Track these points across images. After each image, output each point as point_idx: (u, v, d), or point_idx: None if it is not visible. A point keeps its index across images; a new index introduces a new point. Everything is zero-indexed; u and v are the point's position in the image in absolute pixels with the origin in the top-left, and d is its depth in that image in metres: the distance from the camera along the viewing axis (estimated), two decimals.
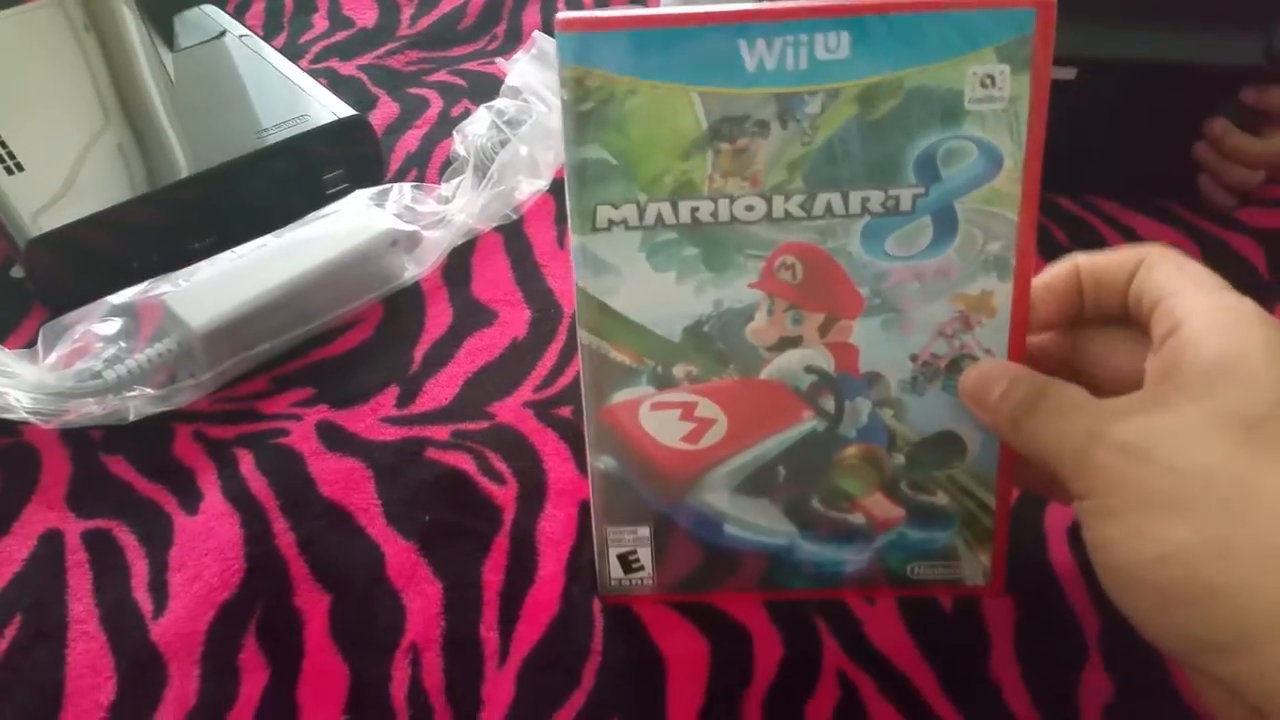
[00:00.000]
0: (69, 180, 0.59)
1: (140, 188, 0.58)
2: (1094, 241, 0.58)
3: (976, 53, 0.33)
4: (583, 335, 0.37)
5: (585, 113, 0.34)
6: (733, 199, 0.35)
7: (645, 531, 0.40)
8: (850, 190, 0.35)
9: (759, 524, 0.39)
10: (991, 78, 0.33)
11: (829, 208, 0.35)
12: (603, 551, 0.41)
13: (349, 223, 0.56)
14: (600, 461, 0.39)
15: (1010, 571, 0.40)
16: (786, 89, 0.34)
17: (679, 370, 0.37)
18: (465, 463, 0.47)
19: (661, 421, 0.38)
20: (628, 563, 0.41)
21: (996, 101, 0.33)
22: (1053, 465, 0.32)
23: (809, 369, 0.37)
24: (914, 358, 0.37)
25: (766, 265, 0.36)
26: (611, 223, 0.35)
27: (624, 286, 0.36)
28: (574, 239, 0.36)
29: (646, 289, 0.36)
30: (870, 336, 0.36)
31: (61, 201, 0.58)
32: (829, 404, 0.38)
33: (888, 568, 0.40)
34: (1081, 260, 0.36)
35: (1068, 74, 0.54)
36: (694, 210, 0.35)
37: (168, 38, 0.75)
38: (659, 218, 0.35)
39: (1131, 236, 0.59)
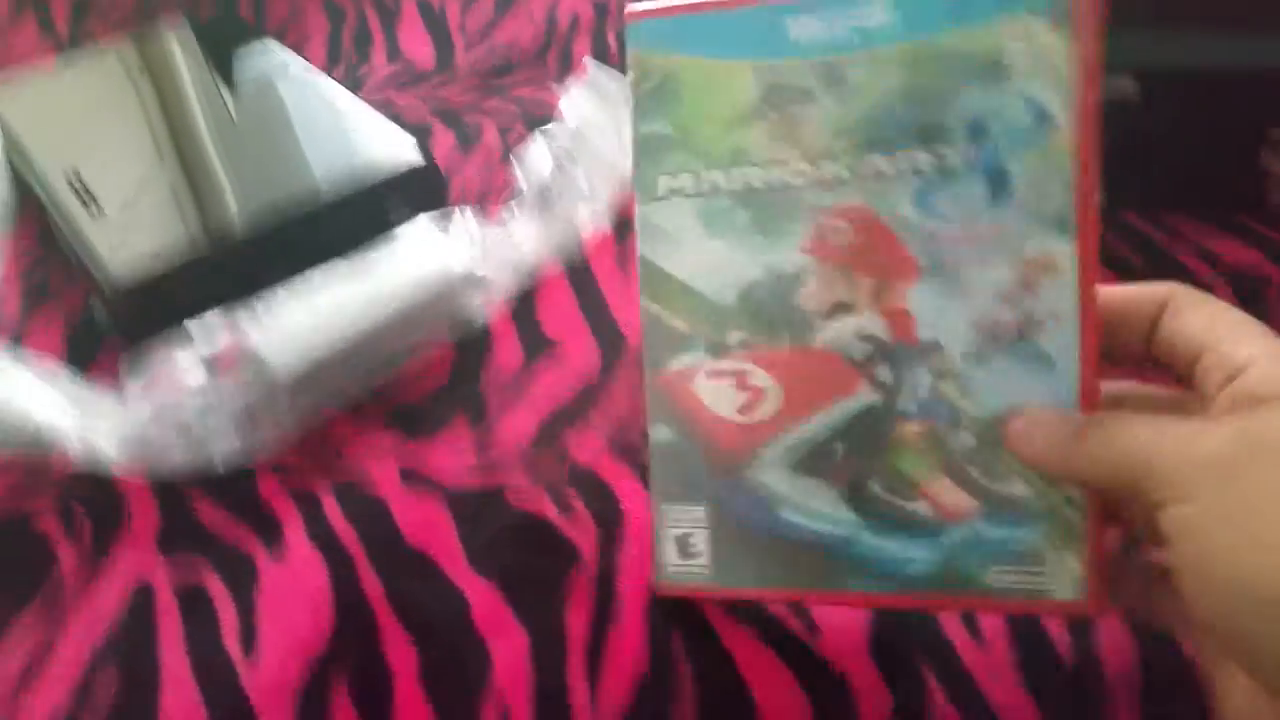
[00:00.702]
0: (146, 225, 0.60)
1: (211, 236, 0.59)
2: (1165, 259, 0.57)
3: (1017, 14, 0.34)
4: (643, 302, 0.38)
5: (648, 91, 0.37)
6: (783, 165, 0.36)
7: (701, 512, 0.39)
8: (899, 152, 0.35)
9: (818, 510, 0.38)
10: (1034, 34, 0.34)
11: (878, 171, 0.36)
12: (660, 533, 0.39)
13: (427, 263, 0.56)
14: (658, 431, 0.39)
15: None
16: (830, 57, 0.36)
17: (733, 337, 0.38)
18: (544, 505, 0.47)
19: (716, 391, 0.38)
20: (685, 546, 0.39)
21: (1042, 59, 0.34)
22: (1129, 479, 0.29)
23: (863, 337, 0.36)
24: (975, 325, 0.35)
25: (816, 230, 0.36)
26: (671, 191, 0.38)
27: (681, 253, 0.38)
28: (637, 209, 0.38)
29: (702, 254, 0.38)
30: (927, 302, 0.36)
31: (140, 247, 0.58)
32: (885, 374, 0.36)
33: (962, 572, 0.37)
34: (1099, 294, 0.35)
35: (1129, 87, 0.53)
36: (747, 177, 0.37)
37: (227, 74, 0.76)
38: (714, 185, 0.37)
39: (1206, 254, 0.57)
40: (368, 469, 0.50)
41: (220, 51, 0.79)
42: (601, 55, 0.82)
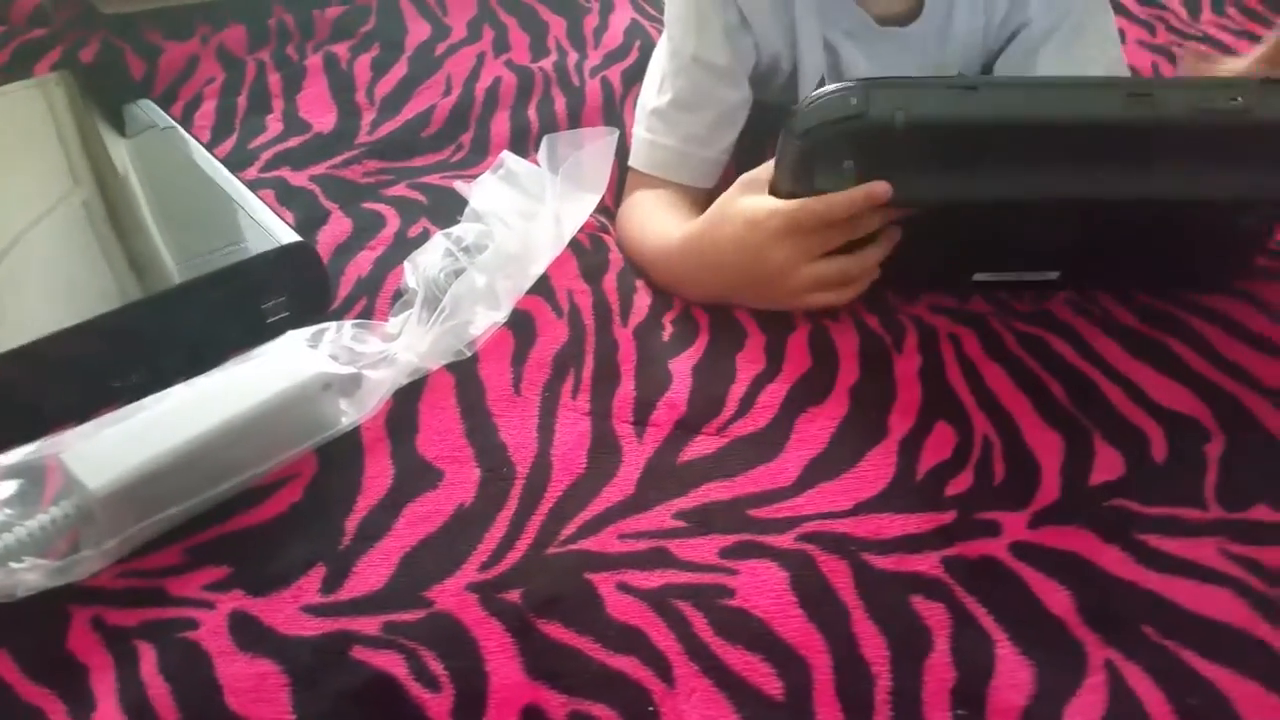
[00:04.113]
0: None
1: (65, 317, 0.53)
2: None
3: None
4: None
5: None
6: None
7: None
8: None
9: None
10: None
11: None
12: None
13: (273, 367, 0.51)
14: None
15: None
16: None
17: None
18: (395, 664, 0.42)
19: None
20: None
21: None
22: None
23: None
24: None
25: None
26: None
27: None
28: None
29: None
30: None
31: None
32: None
33: None
34: None
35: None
36: None
37: (114, 127, 0.70)
38: None
39: None
40: (194, 612, 0.44)
41: (104, 102, 0.73)
42: (521, 132, 0.79)
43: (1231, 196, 0.54)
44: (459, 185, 0.69)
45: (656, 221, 0.66)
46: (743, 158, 0.73)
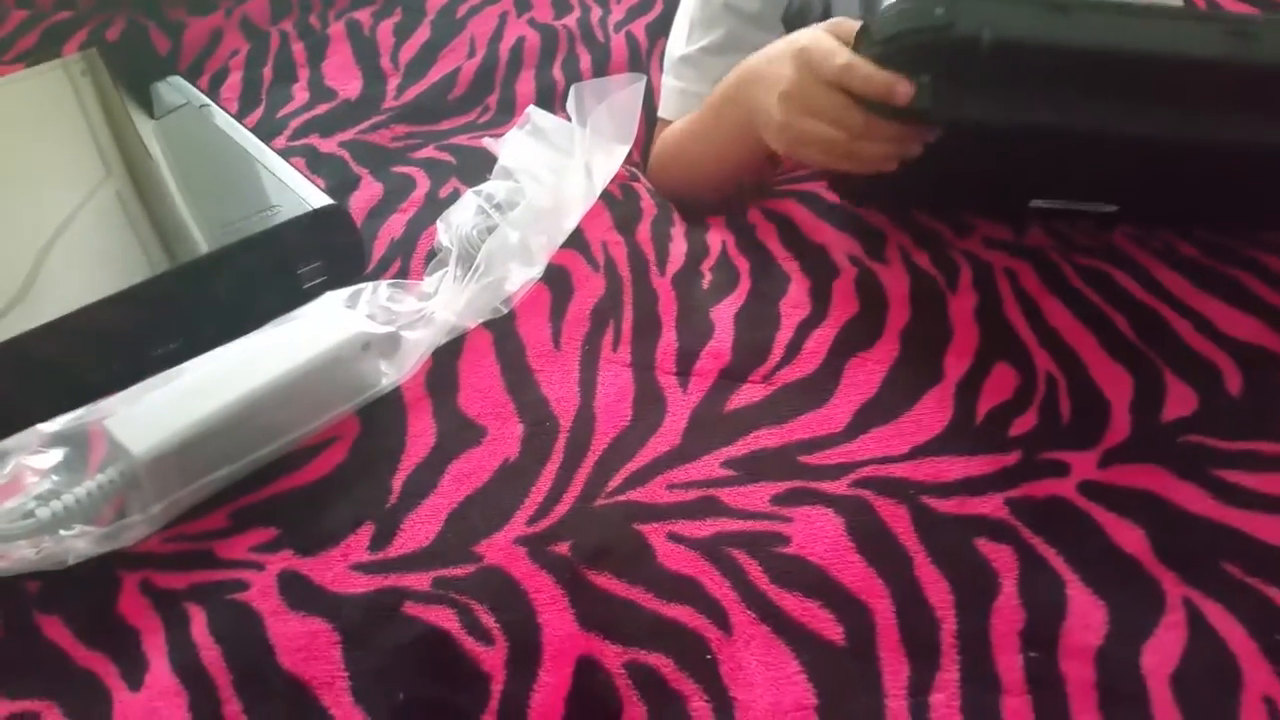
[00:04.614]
0: (24, 281, 0.54)
1: (103, 289, 0.53)
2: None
3: None
4: None
5: None
6: None
7: None
8: None
9: None
10: None
11: None
12: None
13: (313, 328, 0.51)
14: None
15: None
16: None
17: None
18: (447, 619, 0.41)
19: None
20: None
21: None
22: None
23: None
24: None
25: None
26: None
27: None
28: None
29: None
30: None
31: (13, 307, 0.52)
32: None
33: None
34: None
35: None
36: None
37: (142, 105, 0.70)
38: None
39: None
40: (243, 574, 0.43)
41: (132, 79, 0.73)
42: (547, 91, 0.77)
43: None
44: (487, 142, 0.67)
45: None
46: None
